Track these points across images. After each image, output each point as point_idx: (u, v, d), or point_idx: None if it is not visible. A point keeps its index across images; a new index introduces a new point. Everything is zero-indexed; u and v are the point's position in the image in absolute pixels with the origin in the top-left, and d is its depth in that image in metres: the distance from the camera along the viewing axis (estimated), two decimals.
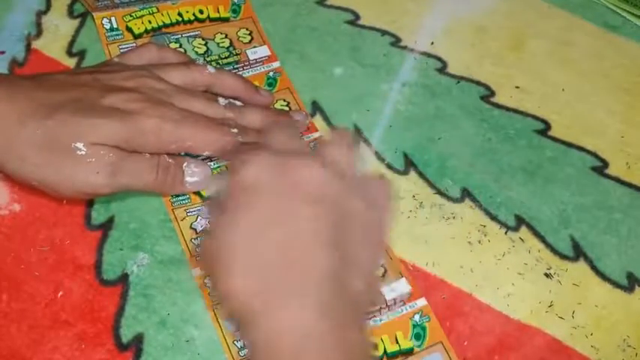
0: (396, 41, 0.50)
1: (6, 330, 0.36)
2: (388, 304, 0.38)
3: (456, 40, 0.50)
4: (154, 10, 0.47)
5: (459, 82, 0.48)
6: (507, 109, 0.47)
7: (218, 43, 0.47)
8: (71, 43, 0.47)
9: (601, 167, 0.45)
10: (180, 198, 0.40)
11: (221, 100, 0.40)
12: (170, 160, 0.38)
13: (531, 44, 0.51)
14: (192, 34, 0.47)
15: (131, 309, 0.37)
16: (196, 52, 0.47)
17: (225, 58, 0.47)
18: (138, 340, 0.36)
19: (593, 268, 0.41)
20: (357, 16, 0.51)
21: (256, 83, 0.45)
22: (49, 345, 0.36)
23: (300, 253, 0.30)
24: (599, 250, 0.41)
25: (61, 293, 0.38)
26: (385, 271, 0.39)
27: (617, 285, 0.40)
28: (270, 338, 0.29)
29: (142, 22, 0.47)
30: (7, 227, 0.39)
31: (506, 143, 0.45)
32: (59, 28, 0.48)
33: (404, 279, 0.39)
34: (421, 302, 0.38)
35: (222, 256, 0.30)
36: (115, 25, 0.46)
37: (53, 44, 0.47)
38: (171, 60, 0.42)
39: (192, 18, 0.48)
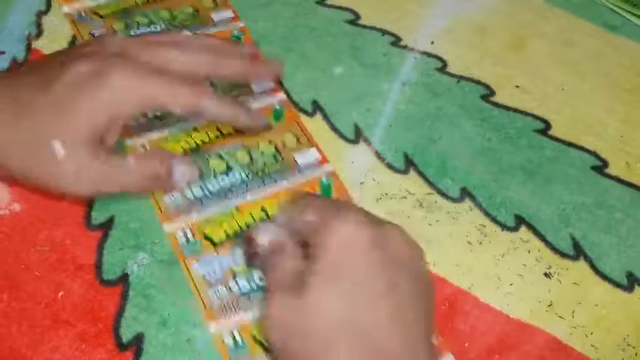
0: (396, 41, 0.50)
1: (6, 330, 0.36)
2: None
3: (456, 40, 0.50)
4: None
5: (459, 81, 0.48)
6: (507, 108, 0.47)
7: (262, 152, 0.42)
8: (71, 43, 0.47)
9: (601, 167, 0.45)
10: (192, 247, 0.38)
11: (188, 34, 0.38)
12: (158, 164, 0.36)
13: (531, 44, 0.51)
14: (234, 147, 0.43)
15: (131, 309, 0.37)
16: (240, 165, 0.42)
17: (272, 165, 0.42)
18: (138, 340, 0.36)
19: (593, 267, 0.41)
20: (357, 16, 0.51)
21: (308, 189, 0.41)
22: (49, 345, 0.36)
23: (405, 330, 0.28)
24: (598, 249, 0.41)
25: (61, 293, 0.38)
26: None
27: (616, 284, 0.40)
28: None
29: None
30: (8, 227, 0.39)
31: (506, 143, 0.45)
32: (59, 28, 0.48)
33: None
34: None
35: (321, 327, 0.27)
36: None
37: (53, 44, 0.47)
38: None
39: (232, 131, 0.43)
